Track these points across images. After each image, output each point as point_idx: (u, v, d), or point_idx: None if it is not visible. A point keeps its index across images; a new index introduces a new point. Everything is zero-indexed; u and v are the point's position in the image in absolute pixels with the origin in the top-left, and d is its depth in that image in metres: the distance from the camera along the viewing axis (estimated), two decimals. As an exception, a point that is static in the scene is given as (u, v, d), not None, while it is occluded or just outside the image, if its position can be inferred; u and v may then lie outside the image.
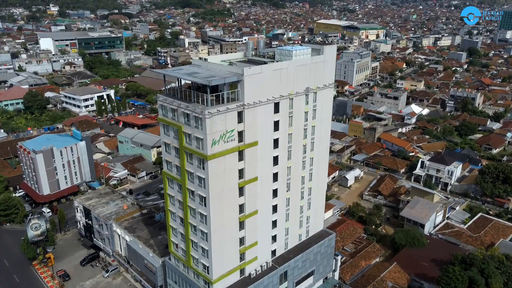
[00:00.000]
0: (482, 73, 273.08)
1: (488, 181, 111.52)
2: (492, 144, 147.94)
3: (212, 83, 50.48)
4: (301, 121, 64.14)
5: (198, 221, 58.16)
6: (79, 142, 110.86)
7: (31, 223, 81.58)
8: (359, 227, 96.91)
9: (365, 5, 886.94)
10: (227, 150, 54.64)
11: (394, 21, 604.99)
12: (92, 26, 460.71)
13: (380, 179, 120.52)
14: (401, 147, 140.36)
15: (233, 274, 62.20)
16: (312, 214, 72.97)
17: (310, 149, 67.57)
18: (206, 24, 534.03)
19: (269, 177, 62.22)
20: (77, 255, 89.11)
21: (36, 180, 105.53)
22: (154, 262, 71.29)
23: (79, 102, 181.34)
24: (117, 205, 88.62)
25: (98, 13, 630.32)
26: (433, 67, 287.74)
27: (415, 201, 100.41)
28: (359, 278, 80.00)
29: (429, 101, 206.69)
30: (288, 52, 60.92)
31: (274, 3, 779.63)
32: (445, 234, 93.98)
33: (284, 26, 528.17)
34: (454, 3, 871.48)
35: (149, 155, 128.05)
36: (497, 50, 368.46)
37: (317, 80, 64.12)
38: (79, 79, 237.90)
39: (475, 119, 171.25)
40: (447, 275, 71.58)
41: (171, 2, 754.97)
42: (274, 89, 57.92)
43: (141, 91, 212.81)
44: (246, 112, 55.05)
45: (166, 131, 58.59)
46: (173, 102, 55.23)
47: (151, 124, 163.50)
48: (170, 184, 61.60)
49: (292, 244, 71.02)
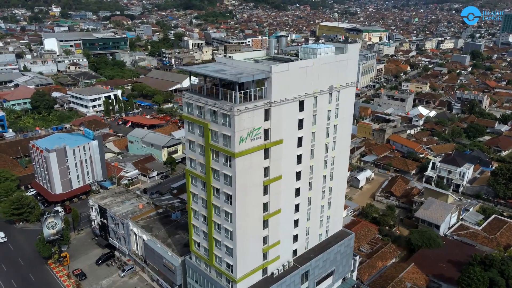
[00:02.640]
0: (487, 76, 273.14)
1: (500, 183, 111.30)
2: (501, 146, 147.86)
3: (241, 80, 50.24)
4: (324, 119, 63.95)
5: (223, 219, 57.79)
6: (91, 141, 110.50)
7: (47, 221, 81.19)
8: (374, 228, 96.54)
9: (366, 8, 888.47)
10: (254, 147, 54.38)
11: (396, 24, 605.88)
12: (95, 27, 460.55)
13: (391, 180, 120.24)
14: (411, 148, 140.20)
15: (256, 273, 61.88)
16: (332, 214, 72.74)
17: (332, 148, 67.37)
18: (209, 26, 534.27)
19: (292, 176, 61.99)
20: (92, 254, 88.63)
21: (48, 179, 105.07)
22: (173, 261, 70.84)
23: (86, 102, 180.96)
24: (133, 204, 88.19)
25: (100, 15, 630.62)
26: (437, 69, 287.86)
27: (430, 202, 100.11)
28: (377, 278, 79.63)
29: (436, 103, 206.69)
30: (313, 50, 60.77)
31: (275, 6, 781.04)
32: (460, 235, 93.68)
33: (286, 29, 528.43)
34: (455, 7, 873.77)
35: (159, 155, 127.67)
36: (500, 53, 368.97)
37: (340, 78, 63.98)
38: (84, 80, 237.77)
39: (483, 121, 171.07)
40: (467, 276, 71.28)
41: (173, 4, 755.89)
42: (299, 87, 57.75)
43: (147, 92, 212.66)
44: (272, 109, 54.84)
45: (191, 129, 58.25)
46: (199, 99, 54.89)
47: (159, 125, 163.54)
48: (193, 182, 61.22)
49: (312, 243, 70.69)
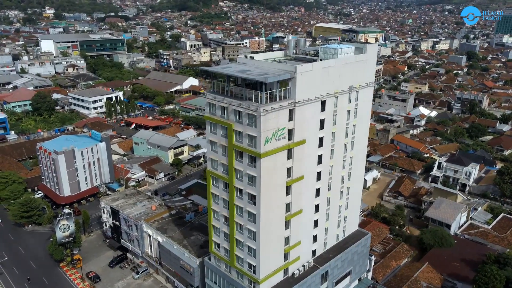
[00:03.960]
0: (483, 76, 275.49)
1: (507, 182, 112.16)
2: (504, 145, 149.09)
3: (268, 81, 50.11)
4: (344, 119, 64.05)
5: (246, 220, 57.57)
6: (99, 143, 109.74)
7: (60, 224, 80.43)
8: (385, 227, 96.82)
9: (360, 9, 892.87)
10: (278, 148, 54.29)
11: (390, 25, 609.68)
12: (90, 29, 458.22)
13: (398, 180, 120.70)
14: (415, 148, 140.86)
15: (278, 274, 61.73)
16: (349, 214, 72.82)
17: (350, 148, 67.47)
18: (204, 27, 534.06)
19: (313, 176, 61.97)
20: (104, 256, 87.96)
21: (56, 181, 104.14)
22: (191, 263, 70.46)
23: (88, 104, 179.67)
24: (145, 206, 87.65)
25: (94, 16, 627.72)
26: (435, 70, 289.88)
27: (439, 202, 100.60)
28: (392, 278, 79.83)
29: (436, 104, 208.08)
30: (334, 51, 60.85)
31: (270, 7, 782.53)
32: (471, 234, 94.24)
33: (282, 30, 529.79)
34: (448, 8, 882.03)
35: (166, 156, 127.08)
36: (495, 54, 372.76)
37: (359, 78, 64.13)
38: (83, 81, 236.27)
39: (484, 121, 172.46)
40: (484, 275, 71.66)
41: (167, 5, 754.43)
42: (322, 87, 57.76)
43: (148, 93, 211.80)
44: (296, 110, 54.77)
45: (213, 130, 57.96)
46: (223, 100, 54.67)
47: (162, 126, 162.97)
48: (214, 183, 60.92)
49: (330, 244, 70.70)
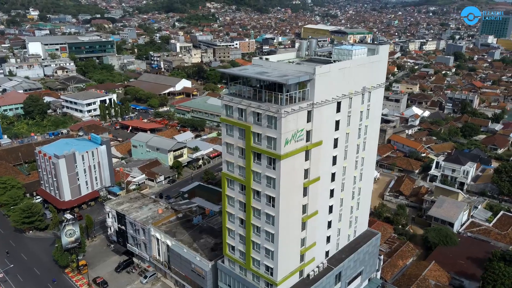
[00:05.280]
0: (471, 77, 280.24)
1: (505, 180, 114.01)
2: (498, 144, 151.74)
3: (289, 82, 50.08)
4: (357, 120, 64.44)
5: (263, 222, 57.38)
6: (99, 147, 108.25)
7: (65, 229, 78.96)
8: (389, 227, 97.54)
9: (346, 11, 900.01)
10: (297, 149, 54.31)
11: (377, 26, 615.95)
12: (77, 31, 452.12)
13: (398, 179, 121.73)
14: (412, 148, 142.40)
15: (294, 276, 61.69)
16: (360, 214, 73.23)
17: (362, 148, 67.89)
18: (192, 29, 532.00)
19: (328, 177, 62.15)
20: (110, 261, 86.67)
21: (57, 186, 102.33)
22: (203, 266, 69.90)
23: (81, 107, 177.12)
24: (151, 209, 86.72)
25: (80, 18, 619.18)
26: (424, 70, 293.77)
27: (442, 200, 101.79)
28: (400, 277, 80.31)
29: (428, 104, 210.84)
30: (348, 52, 61.19)
31: (258, 9, 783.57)
32: (474, 232, 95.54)
33: (270, 31, 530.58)
34: (432, 9, 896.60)
35: (165, 159, 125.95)
36: (481, 54, 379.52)
37: (372, 79, 64.64)
38: (74, 84, 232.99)
39: (476, 121, 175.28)
40: (493, 272, 72.66)
41: (154, 7, 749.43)
42: (338, 88, 58.03)
43: (141, 96, 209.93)
44: (314, 111, 54.89)
45: (229, 132, 57.65)
46: (241, 101, 54.47)
47: (158, 128, 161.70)
48: (230, 185, 60.57)
49: (342, 244, 70.99)
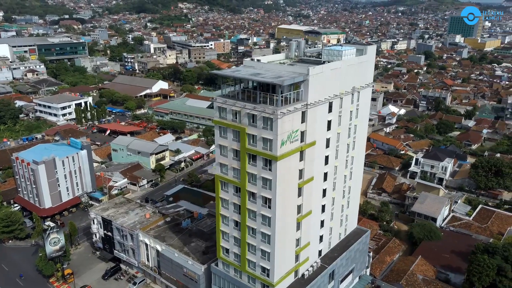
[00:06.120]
0: (442, 75, 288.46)
1: (481, 175, 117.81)
2: (472, 140, 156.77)
3: (285, 83, 50.18)
4: (347, 120, 65.15)
5: (259, 224, 57.21)
6: (80, 151, 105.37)
7: (50, 237, 76.57)
8: (374, 224, 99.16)
9: (318, 11, 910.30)
10: (292, 150, 54.45)
11: (349, 26, 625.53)
12: (46, 32, 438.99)
13: (380, 177, 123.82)
14: (392, 146, 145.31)
15: (290, 276, 61.81)
16: (350, 213, 74.08)
17: (352, 147, 68.68)
18: (165, 30, 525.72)
19: (321, 177, 62.60)
20: (96, 269, 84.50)
21: (36, 193, 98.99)
22: (195, 270, 69.13)
23: (56, 111, 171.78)
24: (138, 214, 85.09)
25: (47, 19, 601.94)
26: (397, 69, 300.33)
27: (424, 196, 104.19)
28: (389, 273, 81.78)
29: (403, 102, 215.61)
30: (338, 52, 61.69)
31: (231, 9, 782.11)
32: (456, 226, 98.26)
33: (244, 32, 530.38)
34: (401, 9, 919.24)
35: (147, 162, 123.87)
36: (449, 53, 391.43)
37: (361, 79, 65.45)
38: (45, 87, 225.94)
39: (450, 118, 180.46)
40: (478, 264, 74.87)
41: (125, 7, 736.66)
42: (330, 88, 58.53)
43: (117, 98, 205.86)
44: (308, 111, 55.14)
45: (223, 134, 57.19)
46: (235, 103, 54.15)
47: (137, 131, 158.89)
48: (223, 188, 60.11)
49: (334, 243, 71.65)
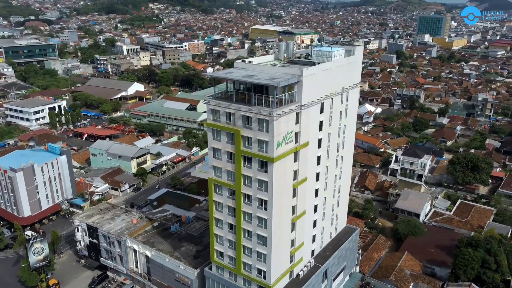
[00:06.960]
0: (414, 74, 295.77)
1: (459, 170, 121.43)
2: (446, 137, 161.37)
3: (280, 85, 50.11)
4: (337, 120, 65.71)
5: (255, 226, 56.94)
6: (59, 157, 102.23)
7: (33, 247, 74.02)
8: (360, 221, 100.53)
9: (290, 11, 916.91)
10: (287, 151, 54.46)
11: (321, 27, 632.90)
12: (12, 34, 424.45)
13: (362, 175, 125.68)
14: (371, 144, 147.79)
15: (285, 277, 61.81)
16: (339, 211, 74.77)
17: (341, 147, 69.33)
18: (137, 31, 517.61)
19: (313, 177, 62.86)
20: (82, 277, 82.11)
21: (14, 202, 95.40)
22: (188, 275, 68.20)
23: (28, 115, 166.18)
24: (124, 220, 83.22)
25: (12, 20, 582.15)
26: (370, 69, 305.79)
27: (406, 193, 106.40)
28: (377, 269, 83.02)
29: (378, 101, 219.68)
30: (328, 53, 62.14)
31: (203, 9, 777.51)
32: (438, 221, 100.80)
33: (217, 32, 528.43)
34: (370, 10, 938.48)
35: (128, 166, 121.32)
36: (419, 52, 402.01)
37: (350, 79, 66.17)
38: (15, 91, 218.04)
39: (425, 115, 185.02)
40: (463, 257, 76.97)
41: (94, 8, 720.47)
42: (322, 89, 58.87)
43: (92, 101, 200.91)
44: (302, 112, 55.28)
45: (216, 136, 56.62)
46: (229, 106, 53.68)
47: (115, 135, 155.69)
48: (217, 191, 59.52)
49: (325, 242, 72.11)
